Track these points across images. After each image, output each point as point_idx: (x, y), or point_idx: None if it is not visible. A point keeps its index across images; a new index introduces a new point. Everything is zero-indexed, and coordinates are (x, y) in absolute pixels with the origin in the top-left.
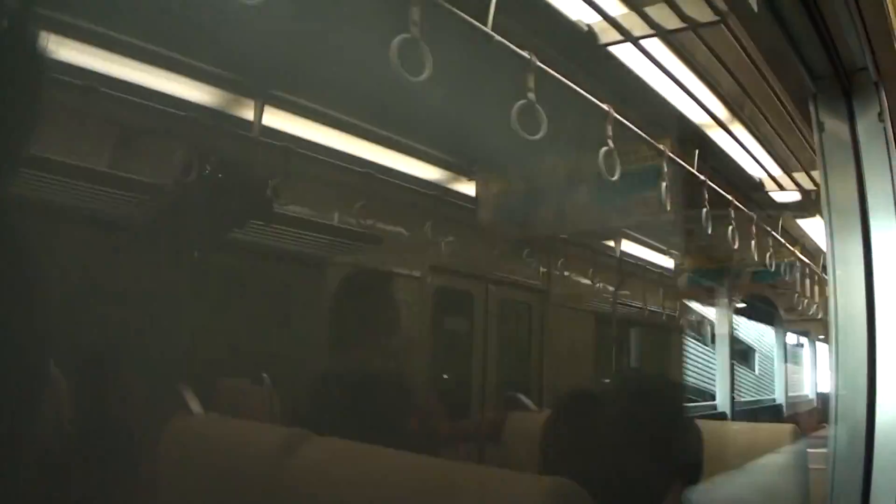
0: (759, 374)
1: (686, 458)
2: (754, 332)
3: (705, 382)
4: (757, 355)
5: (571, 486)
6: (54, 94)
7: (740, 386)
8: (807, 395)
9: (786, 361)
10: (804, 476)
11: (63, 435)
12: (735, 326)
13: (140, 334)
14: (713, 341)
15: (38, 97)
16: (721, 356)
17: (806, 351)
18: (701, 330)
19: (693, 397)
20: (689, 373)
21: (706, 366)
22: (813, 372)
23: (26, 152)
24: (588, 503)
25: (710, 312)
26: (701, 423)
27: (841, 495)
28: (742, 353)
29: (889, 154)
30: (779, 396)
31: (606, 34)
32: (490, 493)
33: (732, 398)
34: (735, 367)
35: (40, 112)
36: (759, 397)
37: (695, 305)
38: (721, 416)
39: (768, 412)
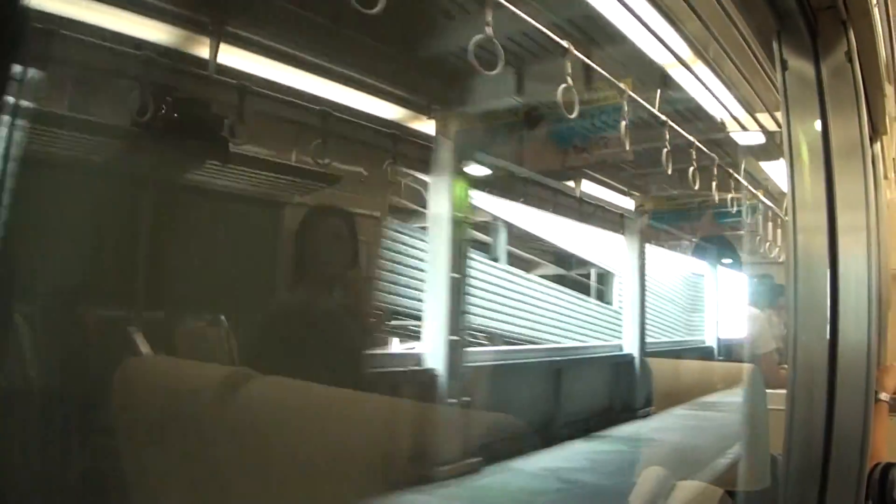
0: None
1: None
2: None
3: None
4: (616, 282)
5: (509, 418)
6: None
7: (587, 326)
8: (685, 341)
9: (643, 294)
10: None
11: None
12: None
13: (95, 276)
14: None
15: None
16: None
17: (709, 283)
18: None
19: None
20: None
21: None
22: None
23: None
24: (521, 429)
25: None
26: None
27: (800, 437)
28: (589, 279)
29: (856, 95)
30: (628, 344)
31: None
32: (446, 427)
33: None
34: (572, 299)
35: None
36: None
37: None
38: None
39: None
